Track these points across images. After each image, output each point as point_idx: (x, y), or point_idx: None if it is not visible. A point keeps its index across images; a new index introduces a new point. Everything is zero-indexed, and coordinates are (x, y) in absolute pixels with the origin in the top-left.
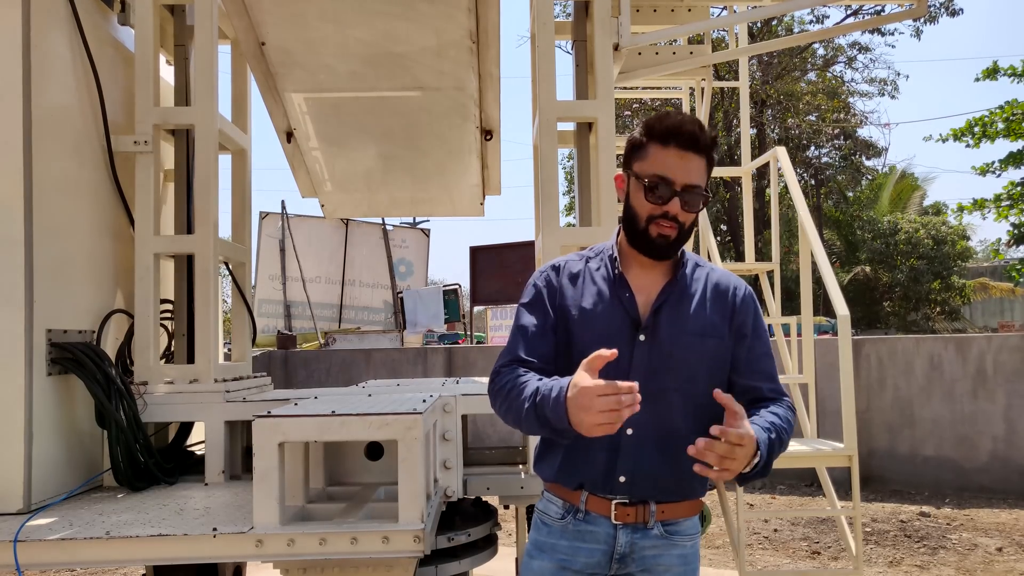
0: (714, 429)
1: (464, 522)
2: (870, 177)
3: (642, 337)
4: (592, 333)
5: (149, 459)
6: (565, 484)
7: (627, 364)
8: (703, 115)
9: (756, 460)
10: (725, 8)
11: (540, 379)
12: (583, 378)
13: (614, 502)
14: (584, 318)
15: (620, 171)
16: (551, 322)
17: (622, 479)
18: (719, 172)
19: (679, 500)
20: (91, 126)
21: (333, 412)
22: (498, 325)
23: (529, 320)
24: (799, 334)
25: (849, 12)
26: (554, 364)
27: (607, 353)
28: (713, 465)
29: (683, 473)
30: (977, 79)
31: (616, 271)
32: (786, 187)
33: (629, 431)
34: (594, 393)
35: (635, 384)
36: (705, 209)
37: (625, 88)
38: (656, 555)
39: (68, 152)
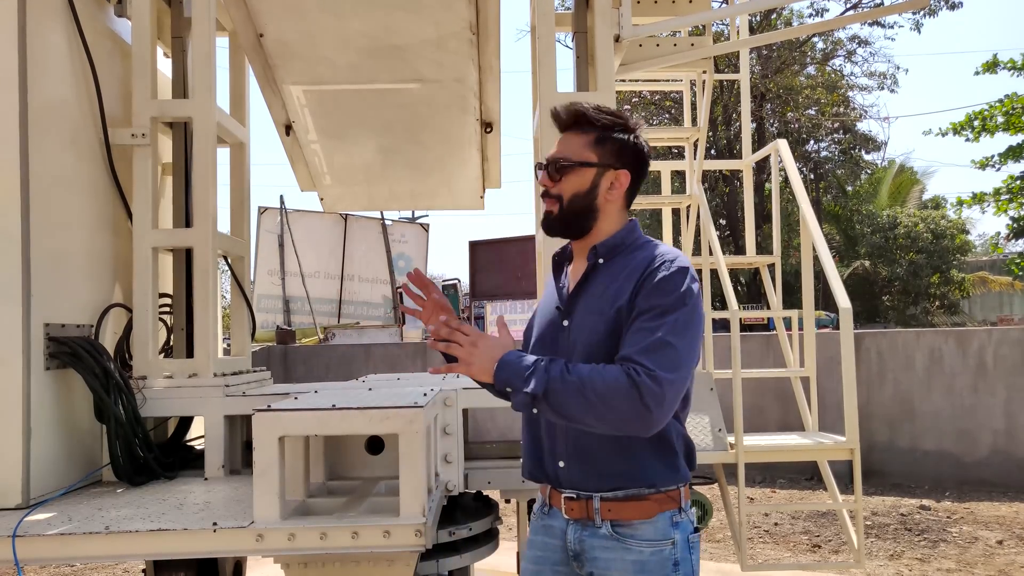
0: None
1: (465, 516)
2: (869, 171)
3: (565, 323)
4: (539, 325)
5: (148, 454)
6: (532, 478)
7: (553, 351)
8: (704, 107)
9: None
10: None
11: None
12: None
13: (563, 495)
14: (538, 310)
15: None
16: None
17: (561, 464)
18: (719, 165)
19: (624, 495)
20: (88, 119)
21: (334, 406)
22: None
23: None
24: (800, 328)
25: (849, 5)
26: None
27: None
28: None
29: (614, 451)
30: (977, 73)
31: (563, 262)
32: (786, 180)
33: None
34: None
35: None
36: (706, 203)
37: (625, 80)
38: (608, 558)
39: (65, 145)
